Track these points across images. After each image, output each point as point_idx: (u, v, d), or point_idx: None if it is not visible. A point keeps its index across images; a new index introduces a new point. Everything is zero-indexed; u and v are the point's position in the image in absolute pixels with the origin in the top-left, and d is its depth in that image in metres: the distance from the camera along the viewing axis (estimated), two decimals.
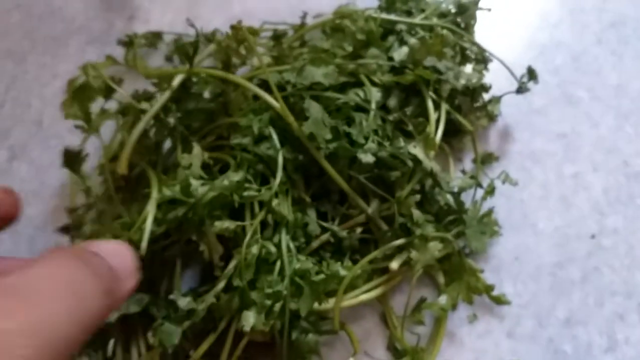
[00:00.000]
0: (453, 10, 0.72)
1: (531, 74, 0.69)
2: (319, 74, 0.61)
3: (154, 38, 0.80)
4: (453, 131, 0.69)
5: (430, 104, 0.63)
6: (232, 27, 0.63)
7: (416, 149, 0.59)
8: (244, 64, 0.66)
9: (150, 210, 0.56)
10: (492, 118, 0.71)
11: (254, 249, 0.54)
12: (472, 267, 0.60)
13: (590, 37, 0.79)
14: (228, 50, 0.64)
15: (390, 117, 0.62)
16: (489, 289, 0.60)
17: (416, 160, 0.59)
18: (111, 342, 0.59)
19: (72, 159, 0.62)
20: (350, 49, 0.67)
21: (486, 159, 0.69)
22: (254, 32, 0.66)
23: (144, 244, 0.54)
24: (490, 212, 0.63)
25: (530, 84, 0.69)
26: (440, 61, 0.64)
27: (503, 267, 0.64)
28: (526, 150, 0.71)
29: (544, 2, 0.82)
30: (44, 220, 0.71)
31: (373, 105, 0.61)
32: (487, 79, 0.70)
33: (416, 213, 0.58)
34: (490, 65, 0.71)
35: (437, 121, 0.64)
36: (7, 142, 0.77)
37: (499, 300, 0.60)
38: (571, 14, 0.81)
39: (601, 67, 0.76)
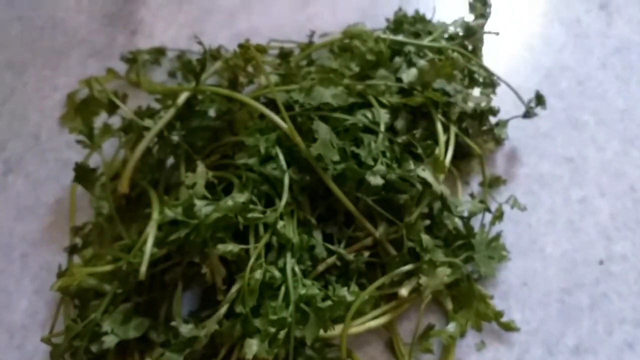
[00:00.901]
0: (461, 34, 0.72)
1: (539, 99, 0.69)
2: (327, 94, 0.60)
3: (158, 54, 0.79)
4: (460, 154, 0.68)
5: (439, 127, 0.63)
6: (240, 46, 0.63)
7: (425, 172, 0.58)
8: (251, 82, 0.65)
9: (151, 232, 0.54)
10: (499, 142, 0.70)
11: (258, 274, 0.53)
12: (481, 293, 0.59)
13: (594, 62, 0.79)
14: (235, 69, 0.63)
15: (399, 140, 0.61)
16: (498, 315, 0.58)
17: (425, 183, 0.58)
18: None
19: (85, 175, 0.61)
20: (357, 69, 0.67)
21: (494, 183, 0.68)
22: (262, 49, 0.65)
23: (143, 268, 0.52)
24: (498, 236, 0.62)
25: (537, 109, 0.69)
26: (449, 84, 0.64)
27: (511, 293, 0.63)
28: (533, 174, 0.70)
29: (548, 27, 0.82)
30: (38, 238, 0.69)
31: (382, 127, 0.61)
32: (494, 102, 0.70)
33: (425, 238, 0.57)
34: (497, 89, 0.71)
35: (446, 144, 0.63)
36: (3, 155, 0.75)
37: (509, 327, 0.59)
38: (575, 38, 0.81)
39: (606, 91, 0.76)
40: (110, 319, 0.53)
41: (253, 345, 0.50)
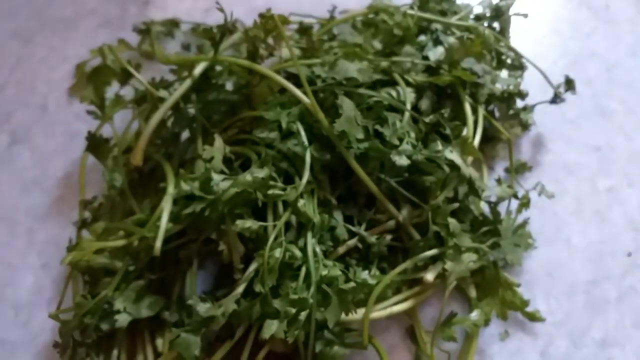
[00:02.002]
0: (488, 14, 0.70)
1: (569, 84, 0.66)
2: (352, 69, 0.57)
3: (171, 26, 0.76)
4: (486, 138, 0.65)
5: (467, 107, 0.60)
6: (261, 16, 0.60)
7: (453, 154, 0.55)
8: (271, 55, 0.62)
9: (166, 206, 0.52)
10: (525, 127, 0.68)
11: (277, 252, 0.50)
12: (507, 281, 0.57)
13: (624, 49, 0.76)
14: (255, 40, 0.61)
15: (427, 119, 0.58)
16: (524, 304, 0.56)
17: (453, 165, 0.55)
18: (115, 351, 0.55)
19: (97, 145, 0.58)
20: (380, 46, 0.64)
21: (519, 169, 0.66)
22: (285, 20, 0.62)
23: (158, 243, 0.50)
24: (525, 223, 0.59)
25: (566, 94, 0.66)
26: (478, 63, 0.61)
27: (536, 283, 0.61)
28: (559, 162, 0.68)
29: (577, 12, 0.79)
30: (45, 212, 0.66)
31: (408, 106, 0.58)
32: (521, 86, 0.67)
33: (453, 222, 0.54)
34: (525, 71, 0.68)
35: (474, 126, 0.60)
36: (9, 126, 0.72)
37: (534, 317, 0.57)
38: (604, 24, 0.78)
39: (636, 79, 0.74)
40: (122, 297, 0.51)
41: (272, 326, 0.48)
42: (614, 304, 0.60)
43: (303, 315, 0.48)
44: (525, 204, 0.60)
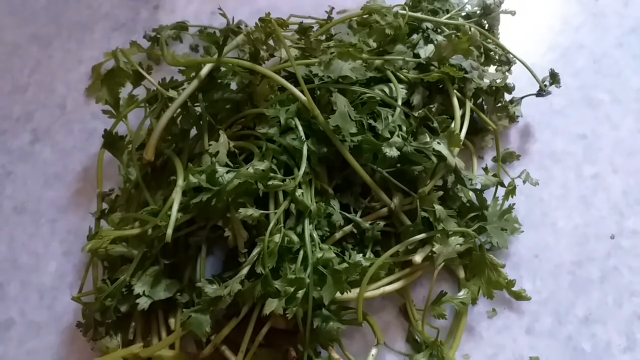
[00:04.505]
0: (478, 12, 0.73)
1: (553, 77, 0.69)
2: (346, 67, 0.61)
3: (180, 29, 0.80)
4: (475, 130, 0.69)
5: (455, 102, 0.64)
6: (261, 20, 0.64)
7: (440, 146, 0.59)
8: (272, 56, 0.66)
9: (176, 197, 0.57)
10: (513, 119, 0.71)
11: (277, 237, 0.55)
12: (493, 262, 0.61)
13: (611, 41, 0.79)
14: (256, 42, 0.65)
15: (415, 114, 0.62)
16: (510, 284, 0.60)
17: (440, 156, 0.59)
18: (132, 326, 0.60)
19: (114, 142, 0.63)
20: (375, 44, 0.68)
21: (507, 158, 0.70)
22: (283, 23, 0.67)
23: (169, 231, 0.55)
24: (510, 208, 0.63)
25: (551, 87, 0.70)
26: (466, 60, 0.65)
27: (523, 264, 0.65)
28: (546, 150, 0.71)
29: (565, 6, 0.82)
30: (66, 204, 0.72)
31: (399, 101, 0.62)
32: (509, 80, 0.71)
33: (439, 208, 0.59)
34: (513, 67, 0.72)
35: (462, 119, 0.64)
36: (30, 125, 0.77)
37: (519, 296, 0.61)
38: (593, 17, 0.81)
39: (622, 70, 0.77)
40: (141, 282, 0.56)
41: (273, 304, 0.52)
42: (597, 284, 0.64)
43: (300, 293, 0.53)
44: (511, 190, 0.64)
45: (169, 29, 0.79)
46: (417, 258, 0.58)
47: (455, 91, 0.65)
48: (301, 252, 0.55)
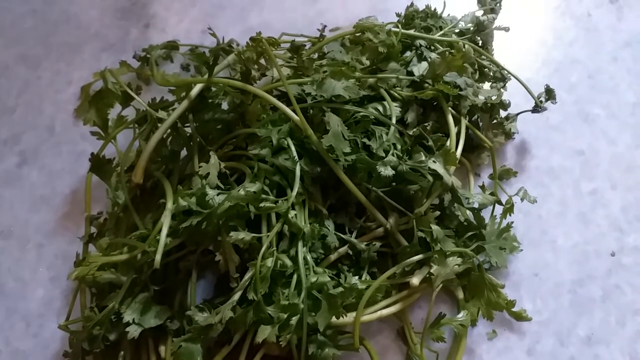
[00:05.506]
0: (471, 29, 0.73)
1: (549, 93, 0.69)
2: (339, 87, 0.60)
3: (170, 48, 0.79)
4: (472, 147, 0.68)
5: (450, 119, 0.63)
6: (252, 39, 0.63)
7: (436, 164, 0.58)
8: (263, 75, 0.65)
9: (165, 221, 0.55)
10: (509, 135, 0.70)
11: (269, 262, 0.53)
12: (492, 282, 0.59)
13: (605, 56, 0.79)
14: (247, 62, 0.64)
15: (410, 132, 0.61)
16: (510, 304, 0.59)
17: (436, 175, 0.58)
18: (121, 355, 0.58)
19: (101, 165, 0.61)
20: (368, 62, 0.67)
21: (504, 175, 0.68)
22: (274, 42, 0.66)
23: (158, 257, 0.53)
24: (508, 227, 0.62)
25: (547, 103, 0.69)
26: (460, 77, 0.64)
27: (522, 284, 0.63)
28: (544, 166, 0.70)
29: (559, 21, 0.82)
30: (53, 228, 0.70)
31: (393, 120, 0.61)
32: (505, 96, 0.70)
33: (435, 229, 0.57)
34: (508, 83, 0.71)
35: (457, 136, 0.63)
36: (18, 147, 0.76)
37: (520, 317, 0.59)
38: (586, 32, 0.81)
39: (617, 85, 0.76)
40: (130, 309, 0.54)
41: (266, 331, 0.51)
42: (599, 303, 0.62)
43: (294, 320, 0.51)
44: (509, 209, 0.63)
45: (159, 49, 0.77)
46: (415, 280, 0.56)
47: (450, 108, 0.65)
48: (295, 276, 0.54)
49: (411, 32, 0.68)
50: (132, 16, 0.84)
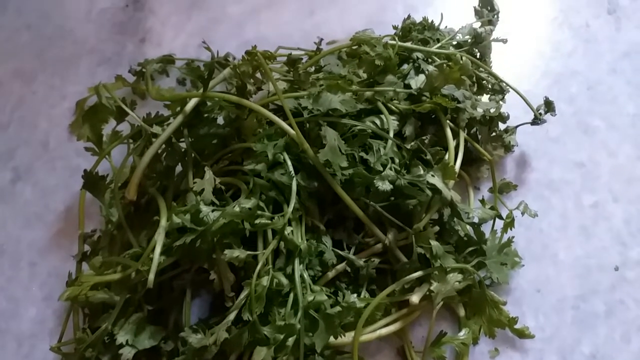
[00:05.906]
0: (469, 41, 0.72)
1: (548, 105, 0.68)
2: (335, 100, 0.60)
3: (166, 62, 0.79)
4: (471, 160, 0.67)
5: (448, 132, 0.62)
6: (248, 53, 0.63)
7: (435, 178, 0.57)
8: (259, 89, 0.65)
9: (159, 239, 0.54)
10: (508, 148, 0.69)
11: (264, 281, 0.52)
12: (494, 299, 0.58)
13: (604, 67, 0.78)
14: (243, 76, 0.63)
15: (408, 146, 0.60)
16: (512, 321, 0.57)
17: (435, 189, 0.57)
18: None
19: (94, 182, 0.60)
20: (365, 75, 0.66)
21: (504, 188, 0.67)
22: (270, 56, 0.65)
23: (151, 276, 0.52)
24: (509, 241, 0.61)
25: (546, 115, 0.68)
26: (458, 89, 0.63)
27: (524, 300, 0.62)
28: (544, 179, 0.69)
29: (557, 32, 0.82)
30: (47, 245, 0.69)
31: (391, 133, 0.60)
32: (504, 108, 0.69)
33: (435, 244, 0.56)
34: (507, 95, 0.71)
35: (456, 150, 0.62)
36: (12, 163, 0.75)
37: (522, 334, 0.58)
38: (585, 43, 0.80)
39: (617, 96, 0.76)
40: (124, 330, 0.53)
41: (262, 352, 0.49)
42: (603, 319, 0.61)
43: (291, 341, 0.50)
44: (509, 223, 0.62)
45: (154, 63, 0.77)
46: (415, 298, 0.55)
47: (448, 121, 0.64)
48: (291, 295, 0.52)
49: (408, 44, 0.67)
50: (128, 31, 0.84)
